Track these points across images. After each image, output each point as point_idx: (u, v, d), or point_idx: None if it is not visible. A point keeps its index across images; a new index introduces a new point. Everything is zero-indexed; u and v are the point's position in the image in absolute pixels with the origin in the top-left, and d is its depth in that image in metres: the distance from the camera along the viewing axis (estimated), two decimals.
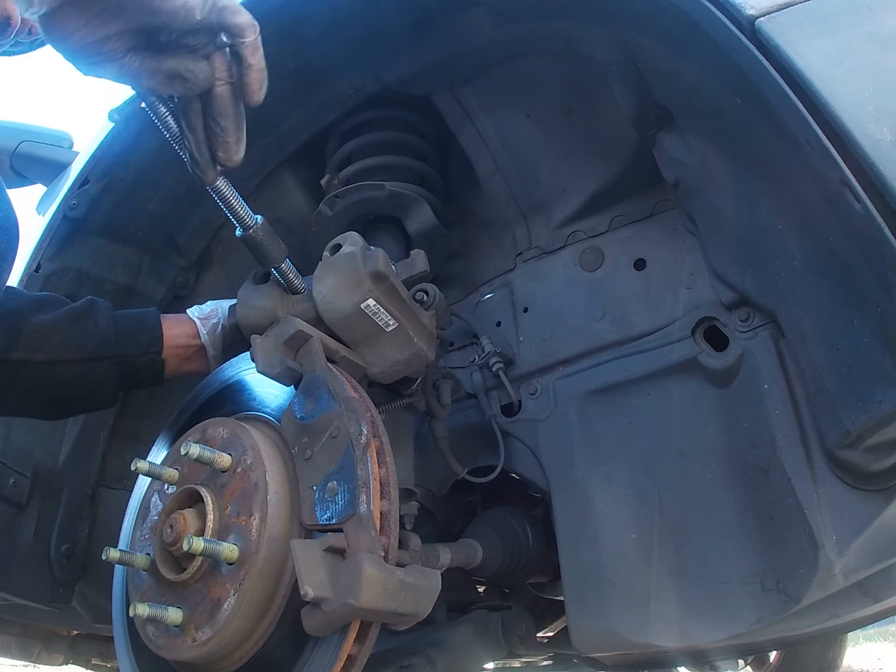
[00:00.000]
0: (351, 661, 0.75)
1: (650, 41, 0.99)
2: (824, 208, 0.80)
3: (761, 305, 1.05)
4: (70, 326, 1.00)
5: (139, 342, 1.06)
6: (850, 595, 1.00)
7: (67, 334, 0.99)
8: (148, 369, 1.07)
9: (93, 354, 1.02)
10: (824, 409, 0.94)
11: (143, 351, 1.06)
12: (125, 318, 1.08)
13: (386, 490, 0.78)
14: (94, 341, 1.02)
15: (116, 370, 1.04)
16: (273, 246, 0.94)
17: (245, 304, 1.02)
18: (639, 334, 1.22)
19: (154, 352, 1.06)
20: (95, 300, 1.07)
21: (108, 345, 1.03)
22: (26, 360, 0.97)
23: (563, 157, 1.34)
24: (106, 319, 1.05)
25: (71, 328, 1.00)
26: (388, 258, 0.99)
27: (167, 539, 0.82)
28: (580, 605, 1.13)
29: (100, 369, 1.03)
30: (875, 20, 0.75)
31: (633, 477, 1.15)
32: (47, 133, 1.85)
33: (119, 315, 1.08)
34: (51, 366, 0.86)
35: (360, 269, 0.95)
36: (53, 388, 1.00)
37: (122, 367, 1.05)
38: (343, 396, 0.83)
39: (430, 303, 1.08)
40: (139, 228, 1.41)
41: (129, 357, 1.05)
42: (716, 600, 1.03)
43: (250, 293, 1.02)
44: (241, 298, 1.03)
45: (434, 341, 1.06)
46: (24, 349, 0.96)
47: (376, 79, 1.31)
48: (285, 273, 0.98)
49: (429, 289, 1.10)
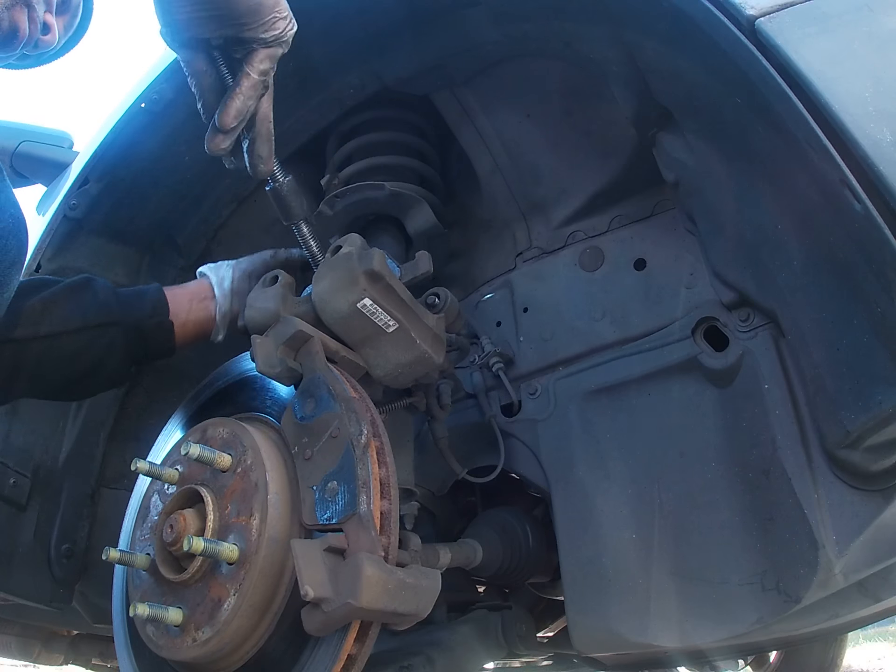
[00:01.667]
0: (351, 661, 0.75)
1: (650, 41, 0.99)
2: (824, 208, 0.80)
3: (761, 305, 1.05)
4: (69, 298, 1.00)
5: (143, 306, 1.06)
6: (850, 595, 1.01)
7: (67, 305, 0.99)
8: (158, 332, 1.07)
9: (97, 321, 1.02)
10: (824, 409, 0.94)
11: (148, 313, 1.06)
12: (125, 290, 1.09)
13: (386, 490, 0.78)
14: (96, 309, 1.02)
15: (125, 337, 1.04)
16: (296, 203, 1.00)
17: (252, 306, 1.02)
18: (639, 334, 1.22)
19: (160, 314, 1.07)
20: (92, 276, 1.07)
21: (112, 311, 1.03)
22: (31, 335, 0.96)
23: (563, 157, 1.34)
24: (105, 290, 1.05)
25: (70, 299, 1.00)
26: (384, 257, 0.99)
27: (167, 539, 0.82)
28: (580, 605, 1.13)
29: (107, 336, 1.02)
30: (875, 20, 0.75)
31: (633, 477, 1.15)
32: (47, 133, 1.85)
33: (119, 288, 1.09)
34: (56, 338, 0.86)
35: (356, 269, 0.95)
36: (63, 361, 1.00)
37: (130, 333, 1.04)
38: (343, 396, 0.83)
39: (441, 306, 1.08)
40: (139, 228, 1.41)
41: (136, 322, 1.05)
42: (716, 600, 1.03)
43: (258, 296, 1.03)
44: (249, 301, 1.04)
45: (442, 345, 1.04)
46: (26, 325, 0.96)
47: (376, 79, 1.31)
48: (304, 235, 1.02)
49: (441, 292, 1.09)
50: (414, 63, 1.28)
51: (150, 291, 1.09)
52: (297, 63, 1.25)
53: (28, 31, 1.13)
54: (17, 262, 0.81)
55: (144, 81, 1.26)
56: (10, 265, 0.80)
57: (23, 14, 1.11)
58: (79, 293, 1.02)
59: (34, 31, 1.16)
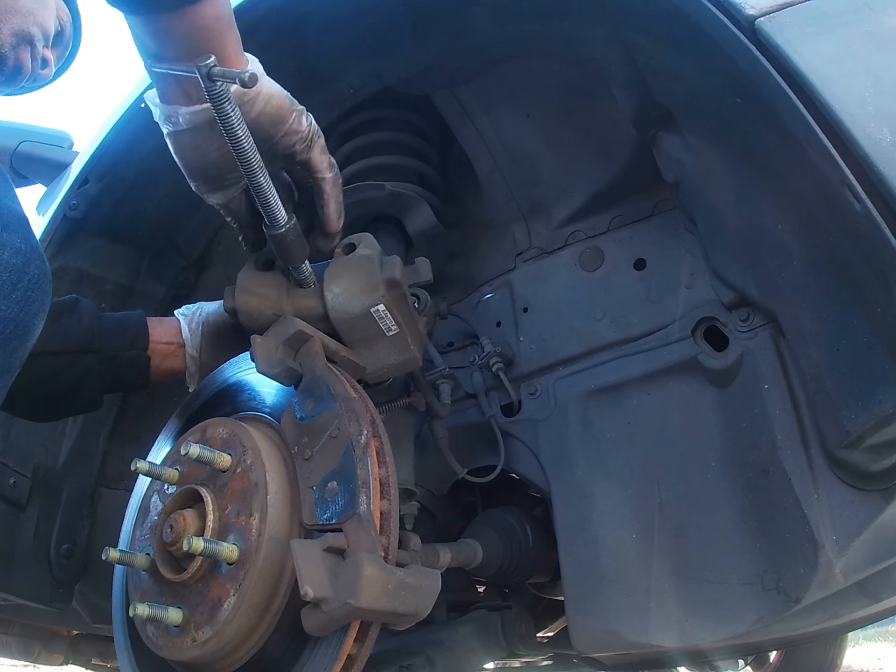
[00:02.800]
0: (351, 662, 0.75)
1: (650, 41, 0.99)
2: (824, 208, 0.80)
3: (761, 305, 1.05)
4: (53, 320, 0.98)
5: (124, 337, 1.05)
6: (850, 595, 1.01)
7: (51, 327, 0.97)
8: (133, 365, 1.06)
9: (77, 347, 1.01)
10: (824, 409, 0.94)
11: (127, 346, 1.05)
12: (109, 316, 1.08)
13: (386, 490, 0.78)
14: (78, 335, 1.02)
15: (100, 366, 1.03)
16: (299, 246, 0.94)
17: (247, 289, 0.99)
18: (639, 334, 1.22)
19: (139, 347, 1.06)
20: (79, 298, 1.07)
21: (93, 338, 1.03)
22: None
23: (563, 157, 1.34)
24: (90, 315, 1.05)
25: (54, 322, 0.99)
26: (403, 266, 0.99)
27: (167, 539, 0.82)
28: (580, 605, 1.13)
29: (84, 363, 1.02)
30: (875, 20, 0.75)
31: (633, 477, 1.15)
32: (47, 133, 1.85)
33: (103, 314, 1.08)
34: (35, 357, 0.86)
35: (377, 275, 0.95)
36: (39, 381, 0.99)
37: (106, 362, 1.03)
38: (343, 396, 0.83)
39: (423, 308, 1.09)
40: (139, 228, 1.41)
41: (114, 352, 1.04)
42: (716, 600, 1.03)
43: (252, 279, 0.99)
44: (241, 284, 0.99)
45: (423, 346, 1.06)
46: None
47: (376, 79, 1.31)
48: (302, 272, 0.97)
49: (421, 294, 1.10)
50: (414, 63, 1.28)
51: (132, 323, 1.08)
52: (296, 63, 1.25)
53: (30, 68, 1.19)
54: (41, 311, 0.82)
55: (144, 81, 1.26)
56: (35, 315, 0.80)
57: (27, 52, 1.17)
58: (63, 316, 1.02)
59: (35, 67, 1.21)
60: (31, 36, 1.17)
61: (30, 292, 0.78)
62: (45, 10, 1.20)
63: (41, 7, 1.18)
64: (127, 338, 1.06)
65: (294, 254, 0.94)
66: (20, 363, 0.80)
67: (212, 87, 0.75)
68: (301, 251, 0.94)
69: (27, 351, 0.81)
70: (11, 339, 0.76)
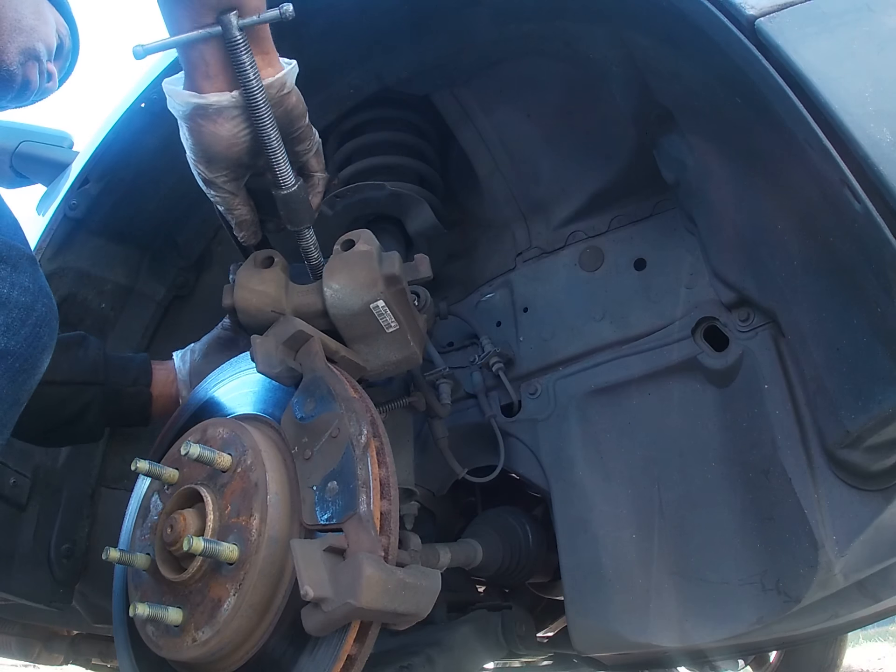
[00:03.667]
0: (351, 662, 0.75)
1: (650, 41, 0.99)
2: (824, 208, 0.80)
3: (761, 305, 1.05)
4: (61, 352, 1.03)
5: (128, 373, 1.11)
6: (850, 595, 1.01)
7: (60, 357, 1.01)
8: (135, 400, 1.11)
9: (82, 378, 1.07)
10: (824, 409, 0.94)
11: (131, 382, 1.11)
12: (115, 354, 1.15)
13: (386, 490, 0.78)
14: (85, 367, 1.08)
15: (103, 398, 1.08)
16: (307, 208, 0.96)
17: (246, 286, 0.98)
18: (639, 334, 1.22)
19: (142, 384, 1.12)
20: (86, 335, 1.12)
21: (98, 372, 1.09)
22: None
23: (563, 157, 1.34)
24: (96, 350, 1.11)
25: (62, 354, 1.03)
26: (402, 262, 0.99)
27: (167, 539, 0.82)
28: (580, 605, 1.13)
29: (88, 394, 1.07)
30: (875, 20, 0.75)
31: (632, 477, 1.15)
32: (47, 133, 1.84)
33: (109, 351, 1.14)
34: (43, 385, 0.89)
35: (376, 270, 0.95)
36: (44, 409, 1.02)
37: (110, 395, 1.09)
38: (343, 396, 0.83)
39: (423, 306, 1.09)
40: (139, 228, 1.41)
41: (118, 386, 1.10)
42: (716, 600, 1.03)
43: (251, 276, 0.99)
44: (240, 281, 0.99)
45: (423, 344, 1.06)
46: None
47: (376, 79, 1.31)
48: (308, 241, 0.99)
49: (421, 292, 1.10)
50: (414, 63, 1.28)
51: (137, 361, 1.15)
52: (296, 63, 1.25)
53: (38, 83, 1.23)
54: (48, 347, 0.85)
55: (144, 81, 1.26)
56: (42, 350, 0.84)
57: (34, 68, 1.21)
58: (72, 349, 1.08)
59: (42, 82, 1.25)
60: (37, 52, 1.21)
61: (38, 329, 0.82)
62: (47, 27, 1.24)
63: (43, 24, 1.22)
64: (130, 374, 1.12)
65: (302, 215, 0.96)
66: (28, 396, 0.84)
67: (233, 37, 0.82)
68: (308, 213, 0.97)
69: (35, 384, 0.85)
70: (20, 373, 0.80)
